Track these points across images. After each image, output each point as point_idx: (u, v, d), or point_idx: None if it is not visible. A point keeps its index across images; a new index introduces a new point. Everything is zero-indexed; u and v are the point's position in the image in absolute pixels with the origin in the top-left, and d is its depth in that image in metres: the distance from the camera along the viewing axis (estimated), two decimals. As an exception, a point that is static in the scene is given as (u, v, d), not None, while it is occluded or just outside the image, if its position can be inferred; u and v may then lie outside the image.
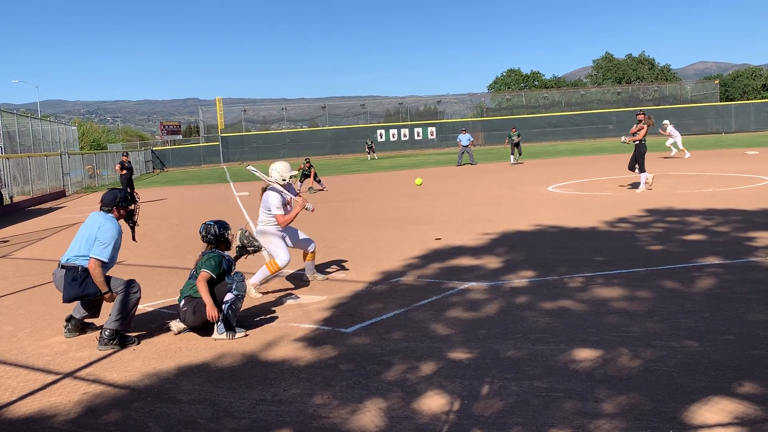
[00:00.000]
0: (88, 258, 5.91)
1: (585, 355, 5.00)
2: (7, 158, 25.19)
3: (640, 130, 15.99)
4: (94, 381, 5.10)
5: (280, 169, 7.58)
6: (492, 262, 8.62)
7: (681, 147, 27.98)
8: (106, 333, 5.86)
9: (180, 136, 76.85)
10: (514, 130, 32.49)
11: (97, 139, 78.01)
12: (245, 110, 68.58)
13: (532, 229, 11.29)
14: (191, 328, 6.14)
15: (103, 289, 5.92)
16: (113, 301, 5.98)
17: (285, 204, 7.49)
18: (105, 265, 5.97)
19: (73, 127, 46.36)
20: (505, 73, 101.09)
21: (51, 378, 5.22)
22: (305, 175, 22.61)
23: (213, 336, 5.98)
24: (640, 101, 67.18)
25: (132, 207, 6.40)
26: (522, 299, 6.72)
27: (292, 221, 7.51)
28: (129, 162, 23.40)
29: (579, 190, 17.63)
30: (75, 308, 6.33)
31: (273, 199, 7.46)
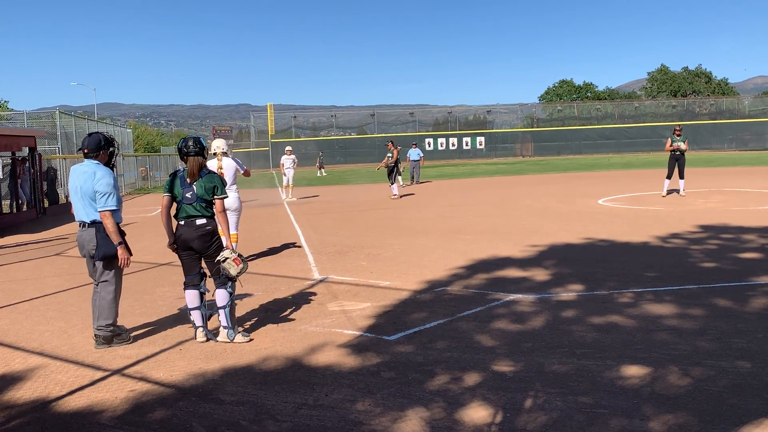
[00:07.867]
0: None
1: (632, 371, 4.90)
2: (65, 158, 25.91)
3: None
4: (141, 379, 5.19)
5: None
6: (539, 275, 8.52)
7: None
8: (108, 332, 5.97)
9: (231, 141, 78.04)
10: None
11: (151, 142, 79.84)
12: (295, 116, 69.44)
13: (582, 242, 11.13)
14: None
15: (116, 239, 5.85)
16: (128, 264, 6.00)
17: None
18: (115, 213, 5.91)
19: (128, 130, 47.55)
20: (557, 84, 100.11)
21: (99, 374, 5.33)
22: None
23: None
24: (696, 115, 65.85)
25: (112, 149, 6.16)
26: (569, 313, 6.62)
27: None
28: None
29: (631, 204, 17.32)
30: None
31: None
